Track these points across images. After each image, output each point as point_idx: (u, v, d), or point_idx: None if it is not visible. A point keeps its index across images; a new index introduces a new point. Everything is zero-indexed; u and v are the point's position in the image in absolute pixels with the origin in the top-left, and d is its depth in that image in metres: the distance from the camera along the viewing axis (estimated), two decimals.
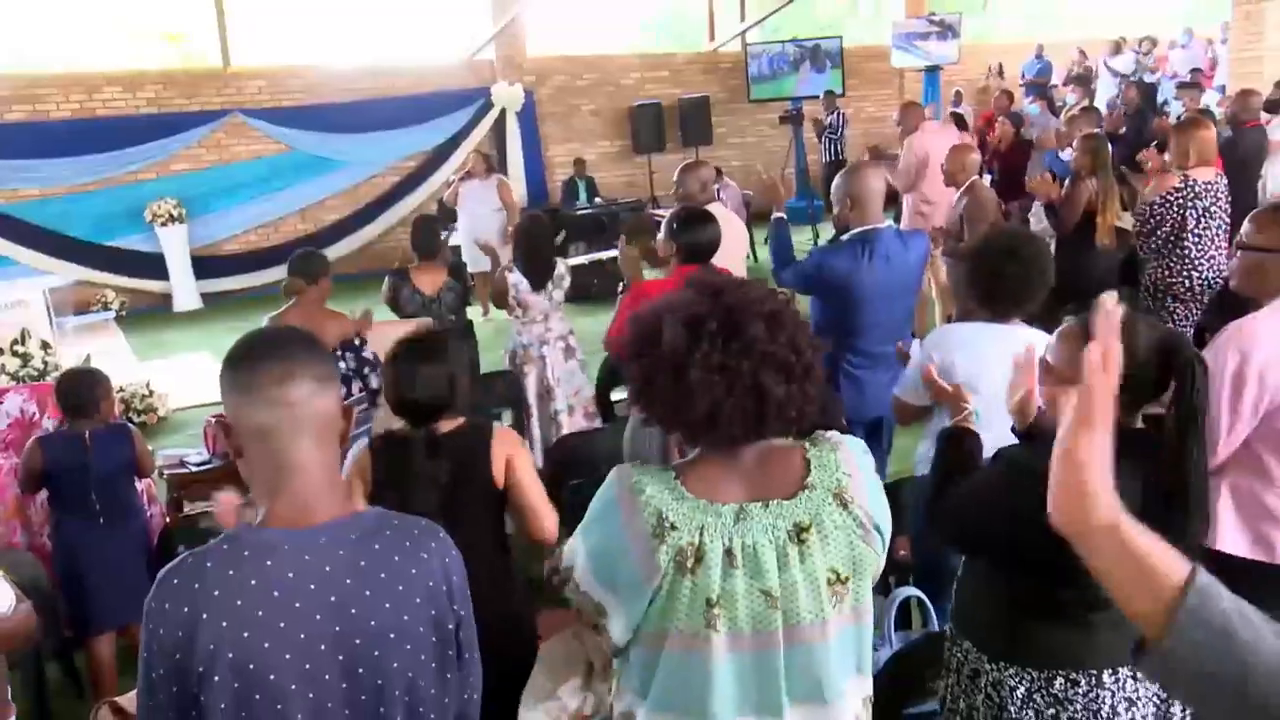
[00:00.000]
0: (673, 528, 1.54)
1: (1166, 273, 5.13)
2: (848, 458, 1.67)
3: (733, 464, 1.62)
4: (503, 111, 13.32)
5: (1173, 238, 5.07)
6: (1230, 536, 2.63)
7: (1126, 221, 5.62)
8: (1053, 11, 20.55)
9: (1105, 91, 14.51)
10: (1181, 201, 5.02)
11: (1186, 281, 5.07)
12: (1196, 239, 5.04)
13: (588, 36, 16.65)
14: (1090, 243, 5.61)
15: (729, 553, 1.55)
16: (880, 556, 1.65)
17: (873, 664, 2.74)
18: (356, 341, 4.66)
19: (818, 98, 14.02)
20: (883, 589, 3.00)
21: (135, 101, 11.65)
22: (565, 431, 4.97)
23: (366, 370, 4.75)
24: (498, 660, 1.93)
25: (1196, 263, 5.05)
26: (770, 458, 1.64)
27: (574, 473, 4.07)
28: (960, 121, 11.41)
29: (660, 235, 4.02)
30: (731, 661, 1.57)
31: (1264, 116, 8.40)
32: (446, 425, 2.68)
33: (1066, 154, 7.78)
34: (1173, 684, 1.12)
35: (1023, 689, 2.12)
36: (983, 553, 2.22)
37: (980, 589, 2.25)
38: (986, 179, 10.07)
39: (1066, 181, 5.94)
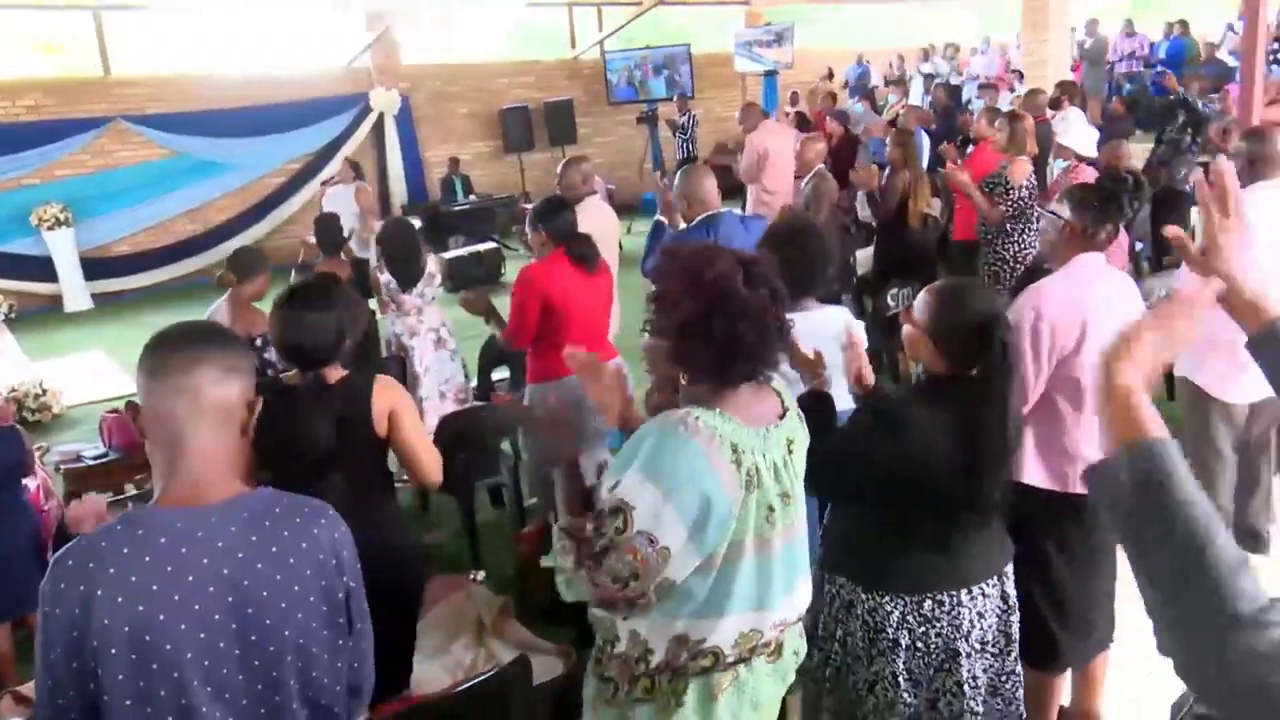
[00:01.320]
0: (744, 452, 1.66)
1: (1018, 249, 5.34)
2: (784, 386, 1.88)
3: (751, 395, 1.75)
4: (380, 115, 13.02)
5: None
6: (1033, 470, 2.74)
7: (936, 207, 5.85)
8: (871, 21, 21.15)
9: (918, 91, 15.03)
10: (1001, 190, 5.28)
11: (1000, 260, 5.34)
12: (1011, 225, 5.30)
13: (458, 46, 16.36)
14: (904, 225, 5.80)
15: (768, 467, 1.71)
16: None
17: None
18: (259, 342, 4.44)
19: (671, 100, 14.10)
20: None
21: (15, 110, 10.87)
22: (429, 417, 4.83)
23: (269, 372, 4.53)
24: (388, 594, 1.90)
25: (1005, 243, 5.31)
26: (760, 390, 1.79)
27: (461, 448, 4.05)
28: (803, 120, 11.66)
29: (528, 230, 3.96)
30: (782, 552, 1.75)
31: (1049, 112, 8.84)
32: (332, 375, 2.58)
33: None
34: (1108, 502, 1.16)
35: (897, 613, 2.20)
36: (858, 495, 2.28)
37: (851, 529, 2.33)
38: None
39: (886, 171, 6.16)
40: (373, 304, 5.87)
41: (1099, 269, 2.77)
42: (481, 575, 3.60)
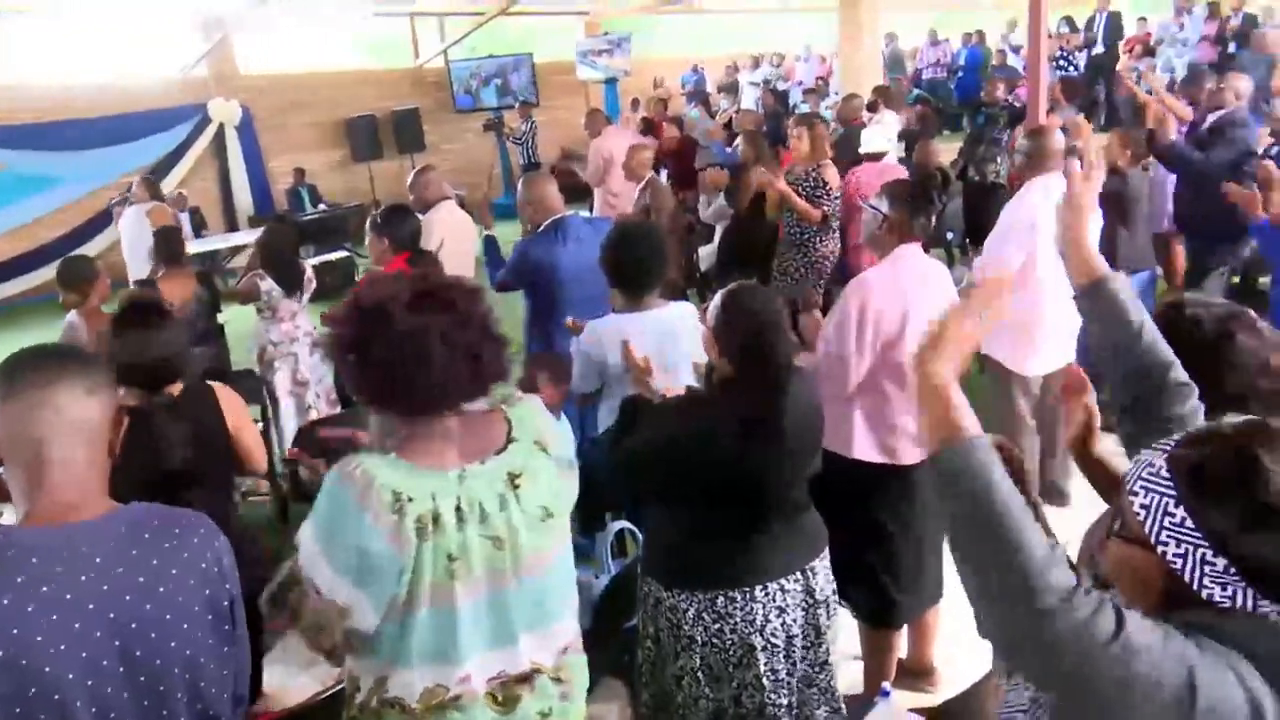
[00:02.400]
0: (410, 500, 1.49)
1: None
2: (539, 410, 1.72)
3: (446, 433, 1.58)
4: (221, 127, 12.36)
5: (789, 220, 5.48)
6: (864, 447, 2.86)
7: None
8: (704, 31, 21.60)
9: (751, 97, 15.45)
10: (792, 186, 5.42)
11: (796, 261, 5.47)
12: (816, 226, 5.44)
13: (300, 55, 15.72)
14: (762, 218, 5.94)
15: (459, 510, 1.53)
16: (575, 490, 1.71)
17: (595, 588, 2.84)
18: None
19: (514, 107, 14.00)
20: (600, 525, 3.06)
21: None
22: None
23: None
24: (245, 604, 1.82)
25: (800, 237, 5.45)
26: (475, 422, 1.63)
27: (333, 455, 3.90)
28: (649, 125, 11.80)
29: (368, 237, 3.87)
30: (472, 605, 1.56)
31: (865, 115, 9.27)
32: (174, 390, 2.49)
33: (730, 149, 8.24)
34: (942, 491, 1.21)
35: (692, 610, 2.19)
36: (657, 495, 2.26)
37: (658, 530, 2.31)
38: (663, 174, 10.58)
39: (735, 169, 6.35)
40: (228, 315, 5.59)
41: (918, 258, 2.91)
42: None
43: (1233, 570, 1.02)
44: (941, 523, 3.04)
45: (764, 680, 2.20)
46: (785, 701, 2.24)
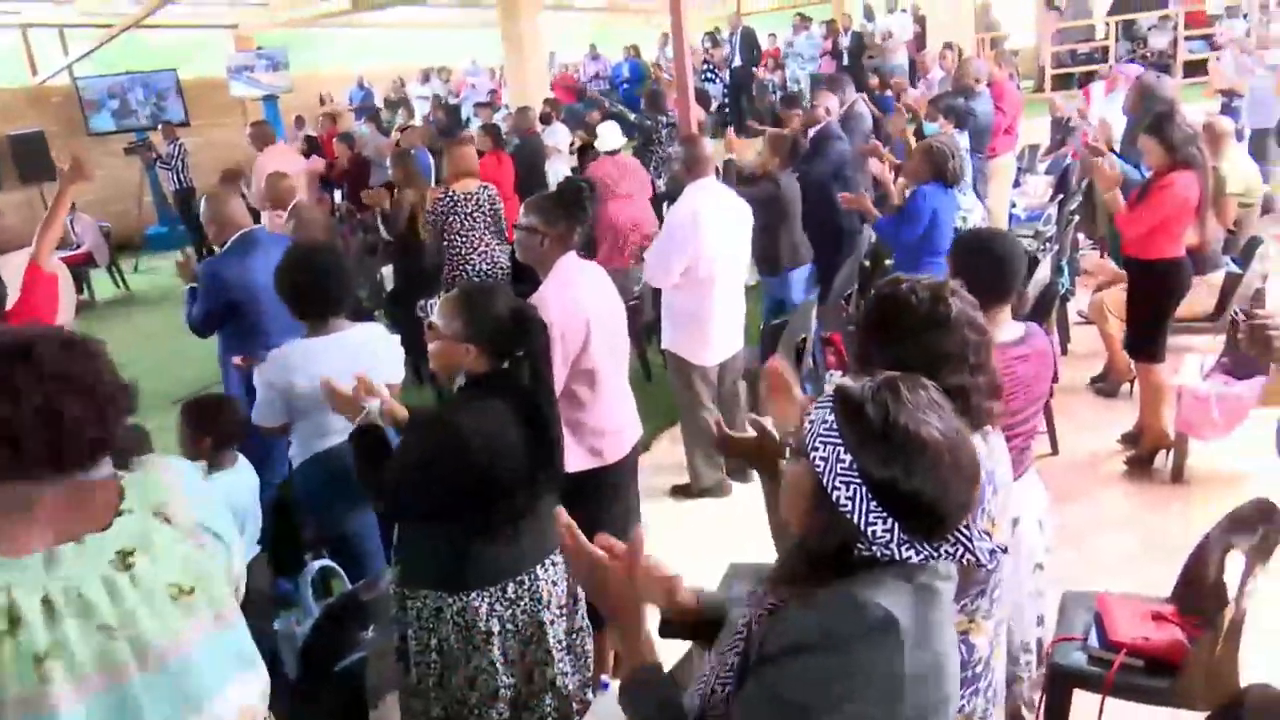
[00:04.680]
0: None
1: (450, 267, 5.48)
2: (169, 475, 1.50)
3: (30, 512, 1.32)
4: None
5: (444, 238, 5.44)
6: (575, 459, 2.88)
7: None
8: (366, 45, 21.00)
9: (422, 112, 15.24)
10: (445, 210, 5.41)
11: (463, 274, 5.44)
12: (464, 239, 5.42)
13: None
14: (418, 241, 5.86)
15: (47, 602, 1.29)
16: (228, 558, 1.50)
17: (298, 635, 2.67)
18: None
19: (156, 128, 12.74)
20: (297, 566, 2.89)
21: None
22: None
23: None
24: None
25: (468, 257, 5.43)
26: (79, 494, 1.38)
27: None
28: (314, 144, 11.23)
29: None
30: (84, 709, 1.31)
31: (539, 126, 9.51)
32: None
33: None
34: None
35: (485, 606, 2.22)
36: (430, 508, 2.23)
37: (426, 542, 2.28)
38: (338, 195, 10.16)
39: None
40: None
41: (580, 266, 3.00)
42: None
43: (855, 469, 1.18)
44: (638, 515, 3.17)
45: (553, 652, 2.30)
46: (569, 670, 2.35)
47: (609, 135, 6.62)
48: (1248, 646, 2.23)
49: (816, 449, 1.21)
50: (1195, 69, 12.82)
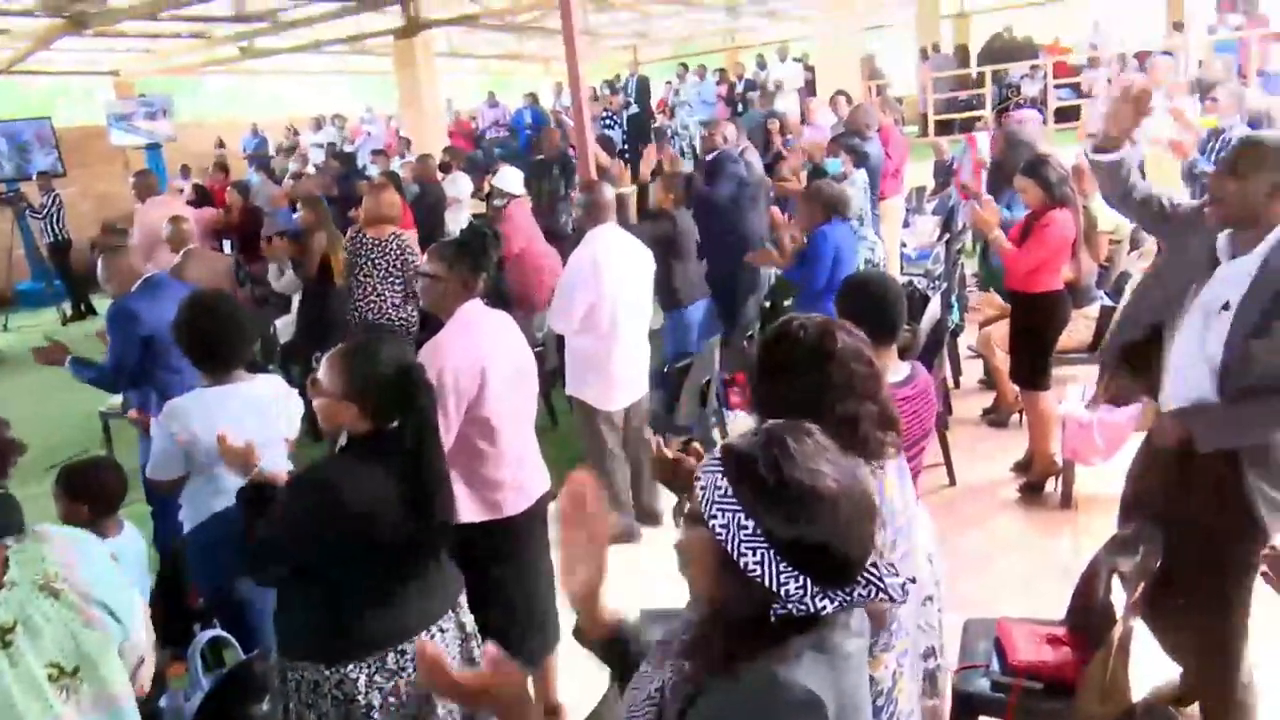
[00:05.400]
0: None
1: (356, 314, 5.31)
2: (60, 547, 1.45)
3: None
4: None
5: (357, 282, 5.31)
6: (469, 510, 2.85)
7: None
8: (257, 91, 20.66)
9: (318, 160, 15.00)
10: (352, 253, 5.30)
11: (367, 321, 5.27)
12: (370, 286, 5.25)
13: None
14: (331, 285, 5.78)
15: None
16: (122, 635, 1.45)
17: (186, 711, 2.54)
18: None
19: (31, 178, 12.18)
20: (185, 639, 2.75)
21: None
22: None
23: None
24: None
25: (373, 304, 5.26)
26: None
27: None
28: (203, 193, 10.90)
29: None
30: None
31: (439, 175, 9.47)
32: None
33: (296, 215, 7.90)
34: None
35: (363, 677, 2.12)
36: (305, 572, 2.15)
37: (301, 611, 2.18)
38: (226, 246, 9.87)
39: (299, 235, 6.10)
40: None
41: (483, 313, 2.98)
42: None
43: (759, 533, 1.16)
44: (548, 561, 3.14)
45: None
46: None
47: (510, 179, 6.65)
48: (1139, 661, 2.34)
49: (715, 517, 1.18)
50: (1066, 115, 13.64)
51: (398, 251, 5.28)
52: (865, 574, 1.20)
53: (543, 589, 3.09)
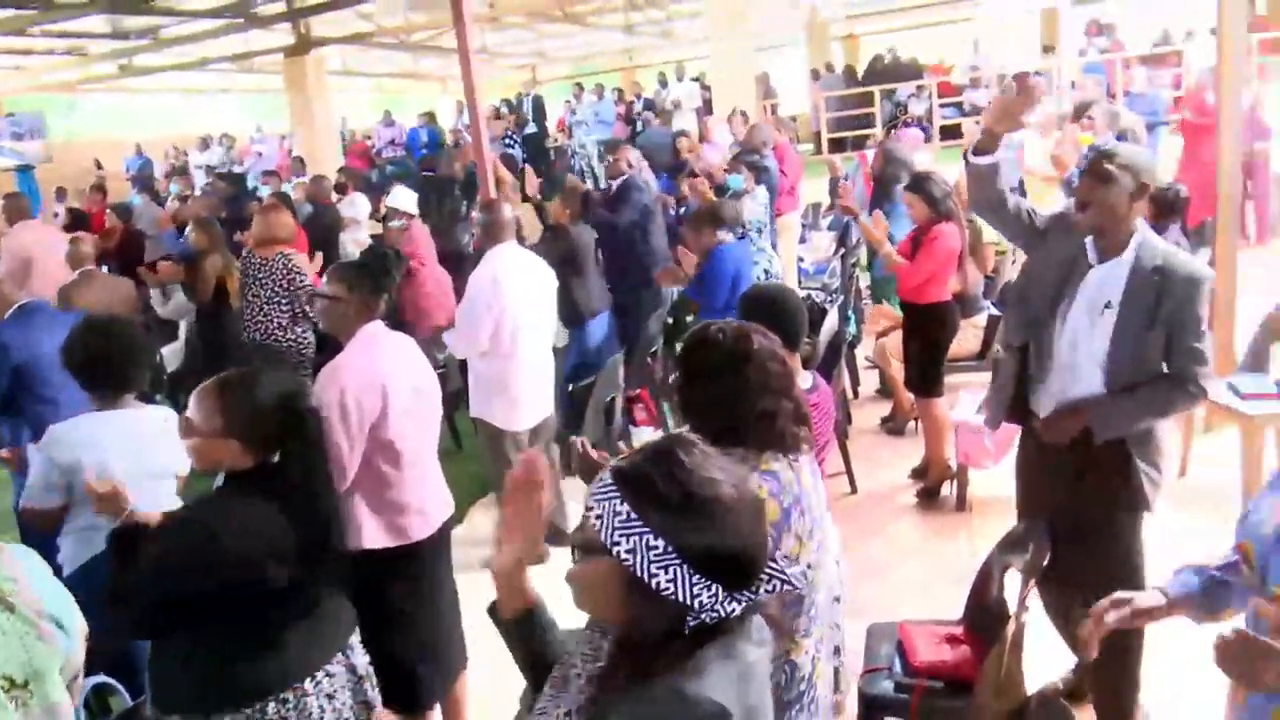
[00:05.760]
0: None
1: (247, 336, 5.25)
2: (8, 563, 1.46)
3: None
4: None
5: (247, 303, 5.24)
6: (372, 535, 2.80)
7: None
8: (139, 111, 19.84)
9: (201, 181, 14.50)
10: (240, 275, 5.27)
11: (258, 343, 5.23)
12: (259, 308, 5.20)
13: None
14: (227, 308, 5.67)
15: None
16: (68, 649, 1.47)
17: None
18: None
19: None
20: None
21: None
22: None
23: None
24: None
25: (262, 326, 5.20)
26: None
27: None
28: (79, 217, 10.39)
29: None
30: None
31: (335, 196, 9.28)
32: None
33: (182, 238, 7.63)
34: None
35: None
36: (181, 618, 2.02)
37: (175, 662, 2.06)
38: (104, 269, 9.43)
39: (190, 258, 5.93)
40: None
41: (384, 334, 2.93)
42: None
43: (670, 551, 1.17)
44: (452, 586, 3.08)
45: None
46: None
47: (404, 199, 6.57)
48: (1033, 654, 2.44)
49: (619, 543, 1.17)
50: (952, 133, 14.22)
51: (284, 272, 5.17)
52: (767, 570, 1.24)
53: (448, 614, 3.04)
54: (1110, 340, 2.52)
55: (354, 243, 8.60)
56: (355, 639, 2.29)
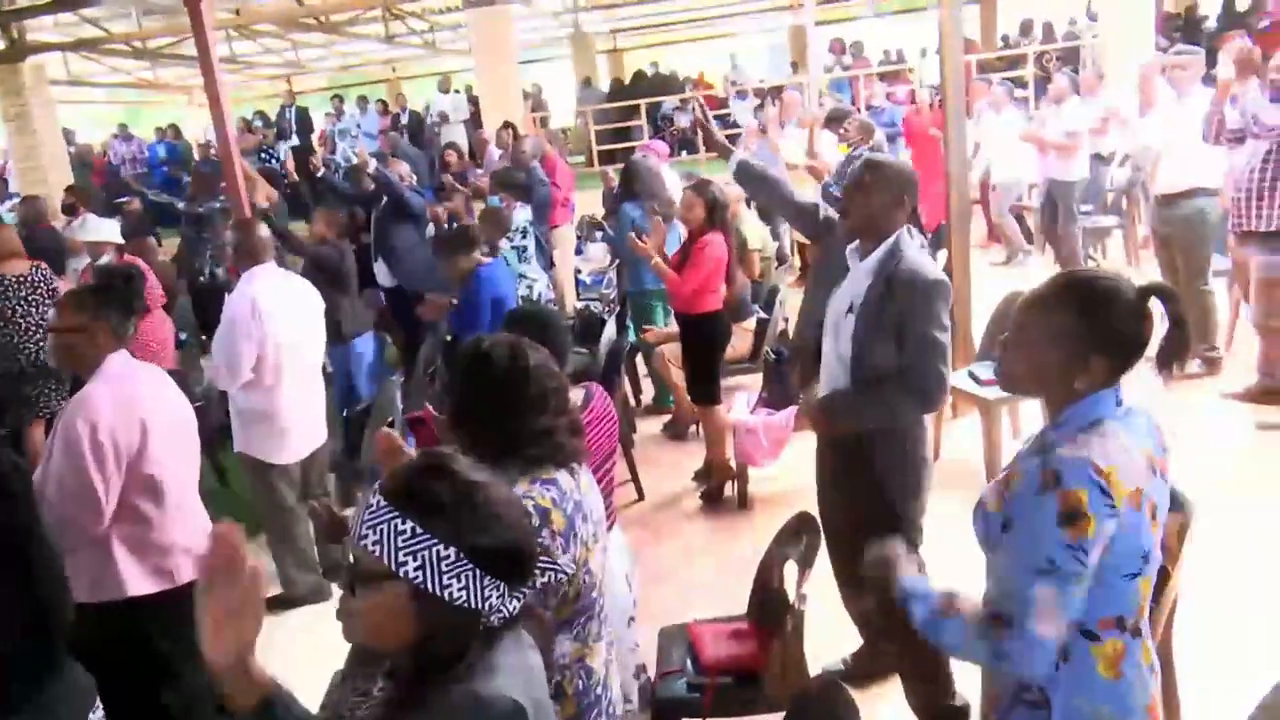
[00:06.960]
0: None
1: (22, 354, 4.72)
2: None
3: None
4: None
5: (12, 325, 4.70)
6: (136, 582, 2.61)
7: None
8: None
9: None
10: (12, 290, 4.70)
11: (14, 367, 4.71)
12: (16, 327, 4.68)
13: None
14: None
15: None
16: None
17: None
18: None
19: None
20: None
21: None
22: None
23: None
24: None
25: (22, 347, 4.66)
26: None
27: None
28: None
29: None
30: None
31: (65, 218, 8.42)
32: None
33: None
34: None
35: None
36: None
37: None
38: None
39: None
40: None
41: (132, 364, 2.72)
42: None
43: (461, 556, 1.18)
44: None
45: None
46: None
47: (104, 229, 6.05)
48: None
49: (405, 562, 1.16)
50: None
51: (45, 284, 4.76)
52: (539, 563, 1.31)
53: None
54: (851, 340, 2.69)
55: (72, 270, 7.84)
56: (97, 714, 2.10)
